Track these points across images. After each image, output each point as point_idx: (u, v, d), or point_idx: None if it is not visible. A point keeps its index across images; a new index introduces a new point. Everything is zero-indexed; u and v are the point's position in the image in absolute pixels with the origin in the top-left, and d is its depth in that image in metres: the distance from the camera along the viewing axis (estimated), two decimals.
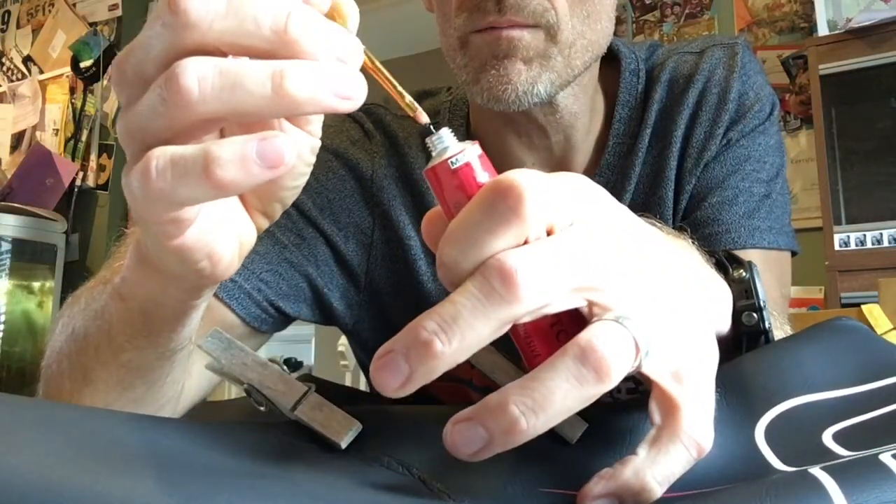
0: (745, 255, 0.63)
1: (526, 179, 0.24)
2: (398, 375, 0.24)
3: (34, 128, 3.22)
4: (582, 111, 0.66)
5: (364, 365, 0.82)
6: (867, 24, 1.86)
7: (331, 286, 0.68)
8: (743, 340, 0.36)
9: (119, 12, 3.04)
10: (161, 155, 0.25)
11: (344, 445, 0.28)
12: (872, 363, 0.32)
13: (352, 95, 0.25)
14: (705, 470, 0.27)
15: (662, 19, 2.49)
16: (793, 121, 2.25)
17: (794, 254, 0.68)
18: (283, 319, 0.67)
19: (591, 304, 0.25)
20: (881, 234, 1.82)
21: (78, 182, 3.01)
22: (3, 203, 2.87)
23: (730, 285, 0.37)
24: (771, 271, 0.64)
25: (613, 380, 0.24)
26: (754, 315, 0.36)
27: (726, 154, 0.66)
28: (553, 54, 0.57)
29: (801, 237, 0.70)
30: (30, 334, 2.89)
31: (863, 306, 1.19)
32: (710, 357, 0.28)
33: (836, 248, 1.86)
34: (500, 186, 0.24)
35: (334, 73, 0.25)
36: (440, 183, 0.27)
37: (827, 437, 0.28)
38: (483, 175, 0.27)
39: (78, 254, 2.97)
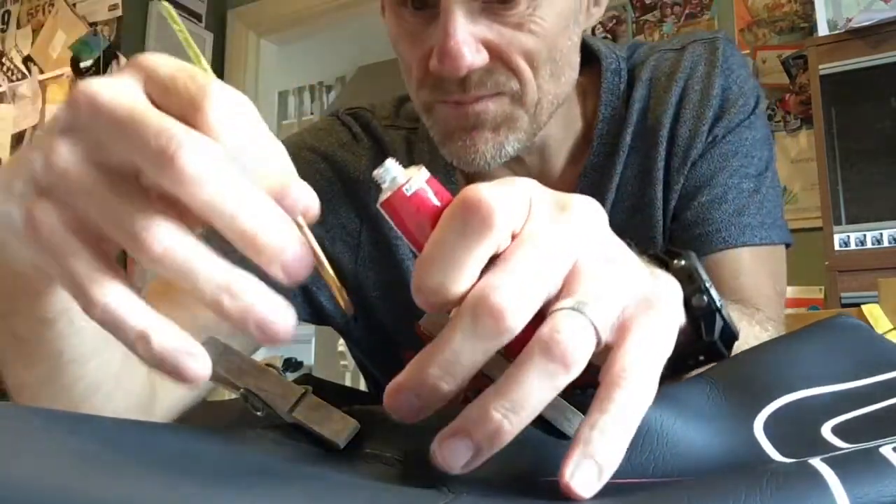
0: (737, 253, 0.64)
1: (488, 192, 0.26)
2: (411, 405, 0.26)
3: (34, 128, 3.22)
4: (554, 131, 0.66)
5: (361, 363, 0.82)
6: (867, 24, 1.86)
7: (319, 286, 0.68)
8: (700, 324, 0.37)
9: (119, 12, 3.03)
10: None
11: (342, 445, 0.28)
12: (872, 359, 0.32)
13: (274, 338, 0.25)
14: (703, 460, 0.27)
15: (662, 19, 2.49)
16: (793, 121, 2.25)
17: (787, 245, 0.68)
18: None
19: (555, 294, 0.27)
20: (881, 234, 1.82)
21: None
22: None
23: (675, 276, 0.37)
24: (764, 268, 0.64)
25: (580, 366, 0.25)
26: (704, 297, 0.36)
27: (713, 151, 0.65)
28: (519, 115, 0.58)
29: (801, 237, 0.70)
30: None
31: (863, 306, 1.18)
32: (661, 306, 0.29)
33: (836, 248, 1.86)
34: (468, 204, 0.26)
35: (267, 314, 0.25)
36: (399, 212, 0.28)
37: (826, 431, 0.28)
38: (437, 196, 0.28)
39: None
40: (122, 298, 0.25)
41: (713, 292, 0.37)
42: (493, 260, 0.27)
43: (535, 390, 0.25)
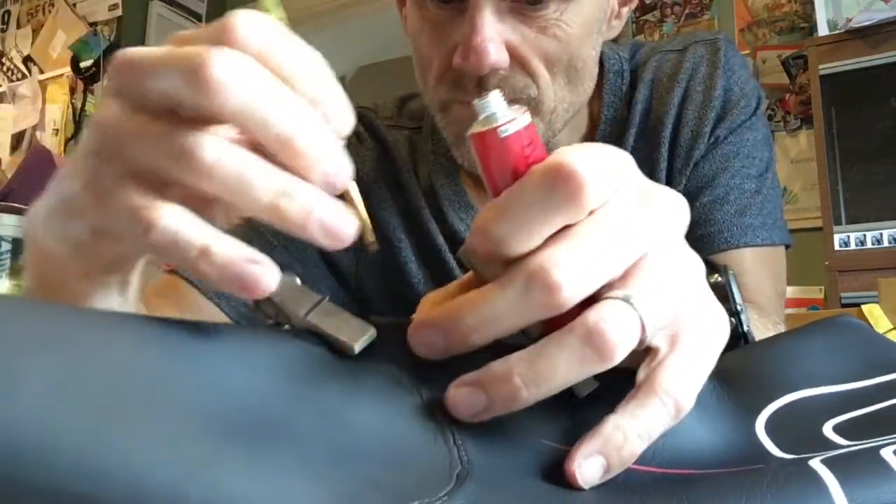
0: (739, 253, 0.63)
1: (585, 166, 0.24)
2: (434, 345, 0.26)
3: (34, 128, 3.22)
4: (562, 135, 0.66)
5: None
6: (867, 24, 1.86)
7: (321, 287, 0.68)
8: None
9: (119, 12, 3.04)
10: None
11: (357, 350, 0.27)
12: (875, 359, 0.32)
13: (338, 238, 0.25)
14: (704, 454, 0.27)
15: (662, 19, 2.49)
16: (793, 121, 2.25)
17: (787, 247, 0.68)
18: None
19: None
20: (881, 234, 1.82)
21: None
22: (3, 203, 2.87)
23: None
24: (765, 268, 0.64)
25: (616, 360, 0.24)
26: (732, 319, 0.36)
27: (715, 152, 0.65)
28: (534, 124, 0.57)
29: (801, 237, 0.70)
30: None
31: (863, 306, 1.18)
32: (714, 327, 0.28)
33: (836, 248, 1.86)
34: (561, 172, 0.24)
35: (330, 213, 0.25)
36: (486, 149, 0.26)
37: (827, 429, 0.28)
38: (530, 148, 0.26)
39: None
40: (180, 218, 0.24)
41: (743, 317, 0.36)
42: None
43: (562, 370, 0.24)
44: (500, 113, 0.26)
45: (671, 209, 0.28)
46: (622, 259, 0.26)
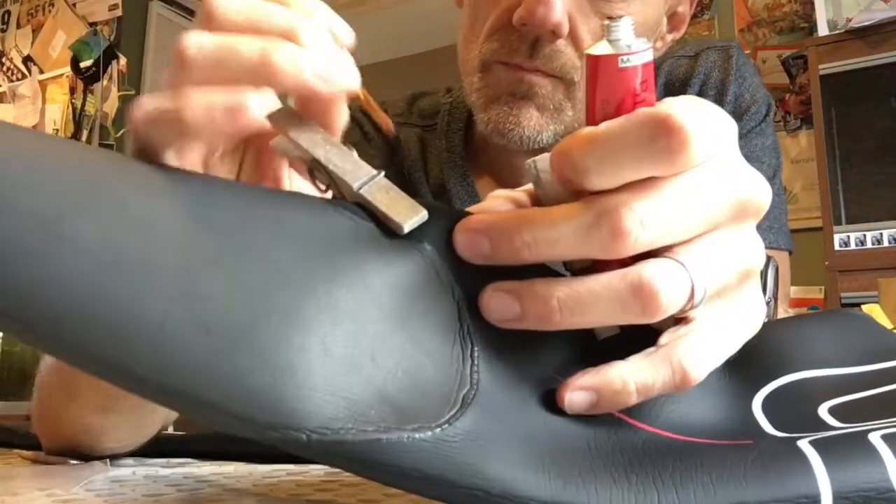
0: None
1: (694, 124, 0.24)
2: (480, 250, 0.26)
3: (34, 128, 3.22)
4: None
5: None
6: (867, 24, 1.86)
7: None
8: None
9: (119, 12, 3.04)
10: None
11: (406, 230, 0.26)
12: (877, 347, 0.32)
13: (332, 79, 0.27)
14: (698, 424, 0.27)
15: None
16: (793, 121, 2.25)
17: (790, 253, 0.69)
18: None
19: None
20: (881, 234, 1.82)
21: None
22: None
23: None
24: None
25: (656, 319, 0.24)
26: None
27: None
28: (566, 108, 0.57)
29: (801, 237, 0.71)
30: None
31: (863, 306, 1.18)
32: (749, 318, 0.28)
33: (836, 248, 1.86)
34: (669, 123, 0.23)
35: (319, 57, 0.27)
36: (599, 73, 0.25)
37: (823, 410, 0.28)
38: (643, 86, 0.25)
39: None
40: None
41: (770, 310, 0.36)
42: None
43: (601, 310, 0.24)
44: (627, 41, 0.25)
45: (755, 191, 0.27)
46: (694, 226, 0.25)
